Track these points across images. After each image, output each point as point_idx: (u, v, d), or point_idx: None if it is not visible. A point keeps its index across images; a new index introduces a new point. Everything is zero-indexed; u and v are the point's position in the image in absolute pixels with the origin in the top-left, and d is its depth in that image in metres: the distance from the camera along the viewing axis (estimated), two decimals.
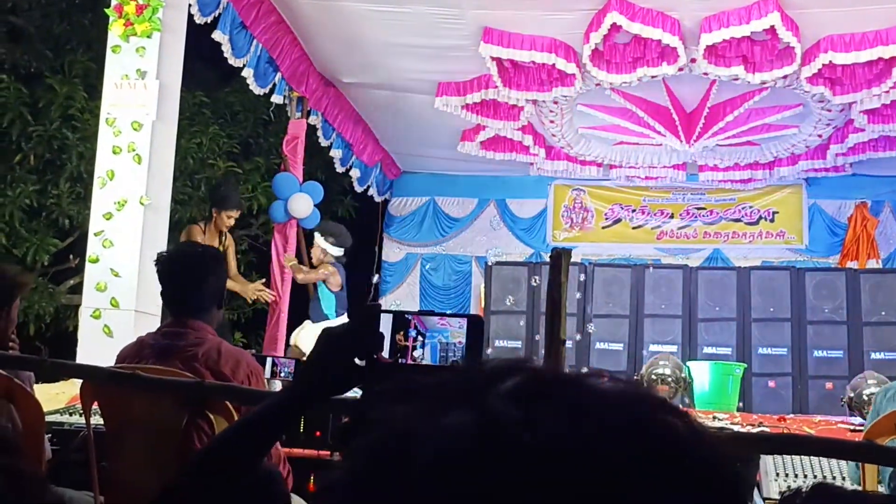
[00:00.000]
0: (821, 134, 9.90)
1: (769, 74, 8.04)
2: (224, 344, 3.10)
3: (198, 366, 2.96)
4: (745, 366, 8.14)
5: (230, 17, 7.28)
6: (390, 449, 0.66)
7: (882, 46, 7.57)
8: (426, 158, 11.61)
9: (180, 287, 3.15)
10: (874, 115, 8.95)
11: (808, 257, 11.43)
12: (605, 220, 11.88)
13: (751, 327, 10.42)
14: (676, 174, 11.13)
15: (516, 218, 11.99)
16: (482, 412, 0.65)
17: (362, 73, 9.09)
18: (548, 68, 8.28)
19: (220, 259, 3.27)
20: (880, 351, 10.14)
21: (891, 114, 8.91)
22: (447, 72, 8.86)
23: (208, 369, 2.96)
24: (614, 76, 8.21)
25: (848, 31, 7.62)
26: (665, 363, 6.74)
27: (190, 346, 3.02)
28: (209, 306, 3.14)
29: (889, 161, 10.20)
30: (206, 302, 3.13)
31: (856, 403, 6.19)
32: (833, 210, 11.51)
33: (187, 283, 3.13)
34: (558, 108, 9.51)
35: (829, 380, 9.90)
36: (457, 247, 12.07)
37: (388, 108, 9.86)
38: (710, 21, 7.48)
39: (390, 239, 12.22)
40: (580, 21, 7.72)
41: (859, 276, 10.59)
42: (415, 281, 12.06)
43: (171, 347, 3.05)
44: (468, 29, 7.96)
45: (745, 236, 11.58)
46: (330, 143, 9.92)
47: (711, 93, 9.18)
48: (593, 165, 11.13)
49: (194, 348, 3.01)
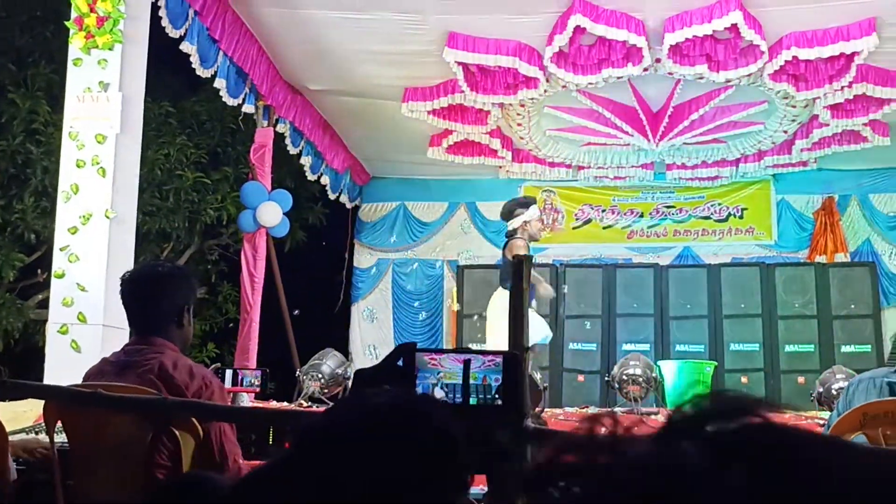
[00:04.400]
0: (786, 130, 9.97)
1: (733, 72, 8.09)
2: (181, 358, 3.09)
3: (153, 378, 2.94)
4: (716, 364, 8.18)
5: (197, 28, 7.25)
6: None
7: (843, 42, 7.63)
8: (395, 164, 11.61)
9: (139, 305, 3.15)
10: (837, 110, 9.02)
11: (777, 252, 11.50)
12: (575, 221, 11.90)
13: (722, 324, 10.50)
14: (645, 173, 11.17)
15: (487, 221, 11.98)
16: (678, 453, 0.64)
17: (329, 80, 9.07)
18: (513, 72, 8.29)
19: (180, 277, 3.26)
20: (850, 344, 10.25)
21: (854, 108, 8.98)
22: (413, 77, 8.86)
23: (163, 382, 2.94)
24: (580, 78, 8.23)
25: (809, 27, 7.68)
26: (636, 363, 6.76)
27: (146, 361, 3.01)
28: (168, 324, 3.13)
29: (854, 155, 10.27)
30: (165, 320, 3.12)
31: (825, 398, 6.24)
32: (801, 205, 11.59)
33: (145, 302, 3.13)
34: (525, 111, 9.54)
35: (801, 374, 9.99)
36: (428, 251, 12.05)
37: (356, 114, 9.85)
38: (674, 21, 7.52)
39: (361, 245, 12.18)
40: (544, 24, 7.74)
41: (828, 270, 10.70)
42: (387, 286, 12.04)
43: (130, 363, 3.04)
44: (432, 34, 7.96)
45: (714, 233, 11.64)
46: (299, 150, 9.89)
47: (676, 92, 9.23)
48: (562, 167, 11.16)
49: (150, 363, 3.00)
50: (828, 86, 8.35)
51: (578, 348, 10.48)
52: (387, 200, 12.19)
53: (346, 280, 12.00)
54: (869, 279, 10.60)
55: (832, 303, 10.45)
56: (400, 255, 12.09)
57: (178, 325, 3.15)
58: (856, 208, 11.48)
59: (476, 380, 2.16)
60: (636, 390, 6.52)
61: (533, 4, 7.53)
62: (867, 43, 7.58)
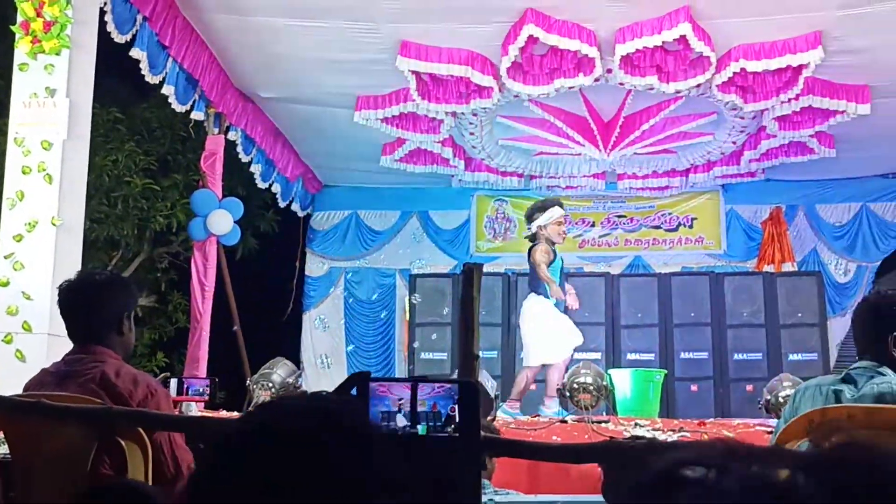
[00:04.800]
0: (735, 141, 10.09)
1: (683, 84, 8.17)
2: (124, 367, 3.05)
3: (95, 388, 2.90)
4: (666, 372, 8.24)
5: (147, 34, 7.18)
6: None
7: (790, 55, 7.75)
8: (348, 172, 11.57)
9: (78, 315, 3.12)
10: (785, 122, 9.15)
11: (726, 262, 11.64)
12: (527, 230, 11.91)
13: (672, 332, 10.56)
14: (596, 183, 11.25)
15: (439, 229, 12.00)
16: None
17: (280, 88, 9.03)
18: (465, 81, 8.30)
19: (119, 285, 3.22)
20: (797, 352, 10.36)
21: (800, 120, 9.12)
22: (366, 86, 8.84)
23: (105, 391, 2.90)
24: (532, 88, 8.26)
25: (757, 40, 7.79)
26: (587, 372, 6.78)
27: (87, 371, 2.97)
28: (108, 332, 3.09)
29: (801, 166, 10.44)
30: (105, 328, 3.09)
31: (772, 406, 6.31)
32: (749, 215, 11.74)
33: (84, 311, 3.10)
34: (478, 120, 9.56)
35: (750, 382, 10.07)
36: (380, 260, 12.03)
37: (308, 122, 9.81)
38: (625, 32, 7.59)
39: (313, 253, 12.12)
40: (497, 33, 7.76)
41: (776, 279, 10.82)
42: (339, 295, 11.99)
43: (70, 373, 2.99)
44: (385, 43, 7.95)
45: (665, 243, 11.75)
46: (250, 158, 9.83)
47: (627, 102, 9.31)
48: (514, 176, 11.20)
49: (91, 371, 2.96)
50: (775, 98, 8.47)
51: None
52: (339, 209, 12.15)
53: (298, 289, 11.93)
54: (815, 288, 10.73)
55: (780, 312, 10.57)
56: (352, 263, 12.05)
57: (118, 332, 3.11)
58: (803, 219, 11.65)
59: (425, 406, 2.14)
60: (587, 398, 6.54)
61: (485, 14, 7.55)
62: (813, 56, 7.70)
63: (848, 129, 9.26)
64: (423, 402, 2.14)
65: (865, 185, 11.49)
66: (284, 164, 10.57)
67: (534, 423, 6.38)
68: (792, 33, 7.69)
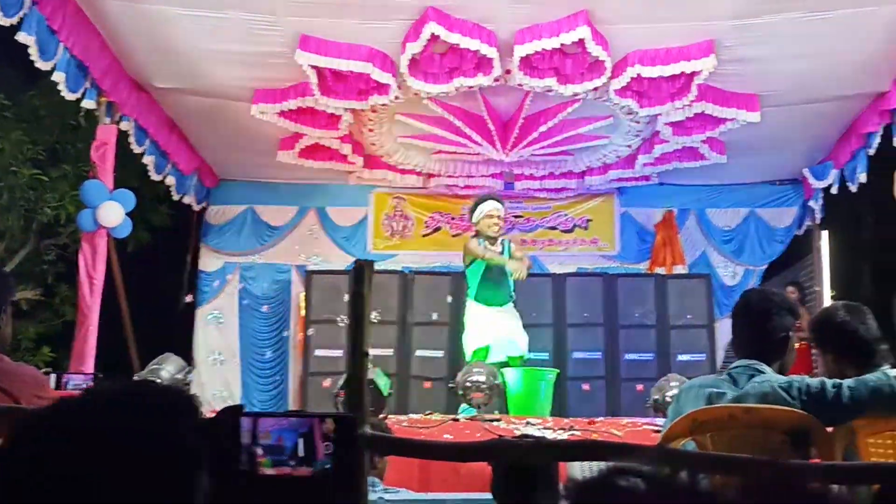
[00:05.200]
0: (630, 145, 10.26)
1: (580, 87, 8.28)
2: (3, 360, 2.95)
3: None
4: (558, 371, 8.33)
5: (35, 18, 6.95)
6: None
7: (684, 62, 7.91)
8: (244, 166, 11.39)
9: None
10: (678, 128, 9.35)
11: (619, 263, 11.83)
12: (425, 229, 11.96)
13: (566, 332, 10.70)
14: (494, 183, 11.31)
15: (336, 226, 11.91)
16: None
17: (176, 78, 8.83)
18: (365, 77, 8.25)
19: None
20: (686, 353, 10.62)
21: (693, 126, 9.32)
22: (264, 79, 8.70)
23: None
24: (431, 86, 8.26)
25: (653, 46, 7.93)
26: (480, 370, 6.82)
27: None
28: None
29: (693, 171, 10.67)
30: None
31: (660, 405, 6.44)
32: (643, 218, 11.96)
33: None
34: (377, 117, 9.52)
35: (640, 382, 10.27)
36: (276, 255, 11.88)
37: (204, 114, 9.60)
38: (524, 33, 7.64)
39: (208, 248, 11.89)
40: (398, 31, 7.73)
41: (667, 281, 11.07)
42: (234, 291, 11.80)
43: None
44: (284, 36, 7.84)
45: (560, 243, 11.89)
46: (143, 149, 9.58)
47: (526, 104, 9.38)
48: (413, 174, 11.19)
49: None
50: (669, 104, 8.64)
51: (426, 355, 10.51)
52: (235, 203, 11.95)
53: (191, 284, 11.70)
54: (704, 291, 11.01)
55: (670, 313, 10.81)
56: (247, 259, 11.87)
57: None
58: (693, 222, 11.92)
59: (270, 439, 2.06)
60: (479, 397, 6.58)
61: (387, 11, 7.51)
62: (706, 64, 7.88)
63: (738, 137, 9.51)
64: (267, 435, 2.07)
65: (753, 191, 11.81)
66: (179, 157, 10.34)
67: (426, 421, 6.39)
68: (686, 41, 7.85)
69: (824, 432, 3.22)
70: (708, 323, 10.84)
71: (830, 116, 9.51)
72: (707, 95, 8.63)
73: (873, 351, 3.68)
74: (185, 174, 10.71)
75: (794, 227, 11.79)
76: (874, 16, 7.39)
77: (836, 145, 10.12)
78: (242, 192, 11.89)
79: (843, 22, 7.44)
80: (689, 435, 3.30)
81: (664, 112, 8.87)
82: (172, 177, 10.43)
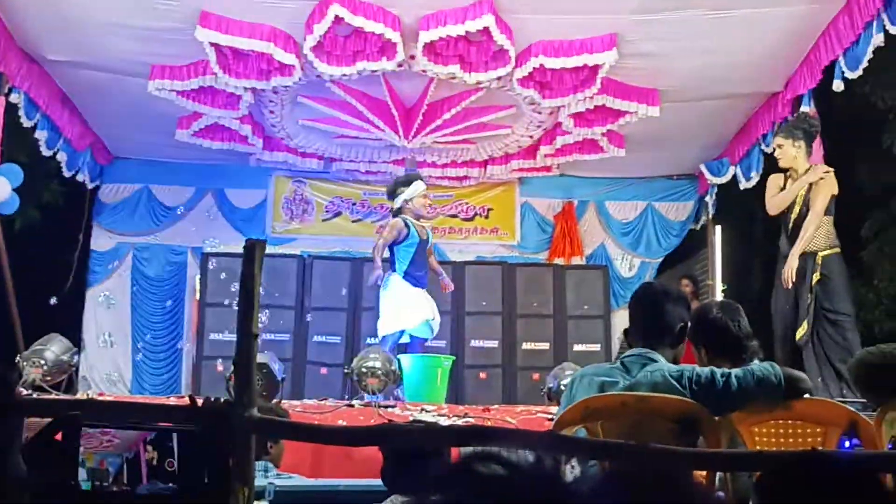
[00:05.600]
0: (532, 135, 10.32)
1: (484, 75, 8.28)
2: None
3: None
4: (454, 358, 8.35)
5: None
6: None
7: (587, 54, 7.98)
8: (140, 144, 11.08)
9: None
10: (580, 119, 9.42)
11: (519, 253, 11.90)
12: (325, 213, 11.84)
13: (464, 320, 10.74)
14: (396, 169, 11.24)
15: (235, 208, 11.71)
16: None
17: (70, 51, 8.53)
18: (267, 57, 8.11)
19: None
20: (582, 343, 10.76)
21: (594, 119, 9.41)
22: (162, 55, 8.47)
23: None
24: (335, 68, 8.17)
25: (557, 37, 7.97)
26: (375, 356, 6.78)
27: None
28: None
29: (593, 163, 10.78)
30: None
31: (554, 393, 6.50)
32: (543, 209, 12.05)
33: None
34: (278, 99, 9.37)
35: (536, 371, 10.37)
36: (172, 237, 11.62)
37: (99, 90, 9.31)
38: (429, 19, 7.60)
39: (100, 227, 11.55)
40: (301, 11, 7.62)
41: (565, 272, 11.19)
42: (126, 272, 11.50)
43: None
44: (184, 11, 7.64)
45: (461, 232, 11.90)
46: (34, 124, 9.23)
47: (430, 90, 9.34)
48: (314, 158, 11.06)
49: None
50: (572, 95, 8.71)
51: (323, 341, 10.44)
52: (130, 182, 11.63)
53: (81, 263, 11.35)
54: (602, 282, 11.17)
55: (567, 303, 10.93)
56: (142, 239, 11.58)
57: None
58: (593, 214, 12.06)
59: (93, 463, 1.96)
60: (374, 383, 6.54)
61: None
62: (608, 57, 7.96)
63: (638, 130, 9.64)
64: (90, 457, 1.96)
65: (652, 185, 12.01)
66: (72, 133, 10.00)
67: (321, 406, 6.32)
68: (589, 34, 7.92)
69: (712, 421, 3.27)
70: (604, 314, 11.00)
71: (727, 114, 9.72)
72: (609, 89, 8.72)
73: (744, 347, 3.90)
74: (78, 151, 10.37)
75: (690, 221, 12.02)
76: (771, 17, 7.57)
77: (732, 142, 10.34)
78: (138, 170, 11.58)
79: (741, 22, 7.60)
80: (581, 422, 3.32)
81: (566, 104, 8.94)
82: (64, 153, 10.08)
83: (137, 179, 11.62)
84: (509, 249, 11.93)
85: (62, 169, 10.43)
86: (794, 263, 6.75)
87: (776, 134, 7.45)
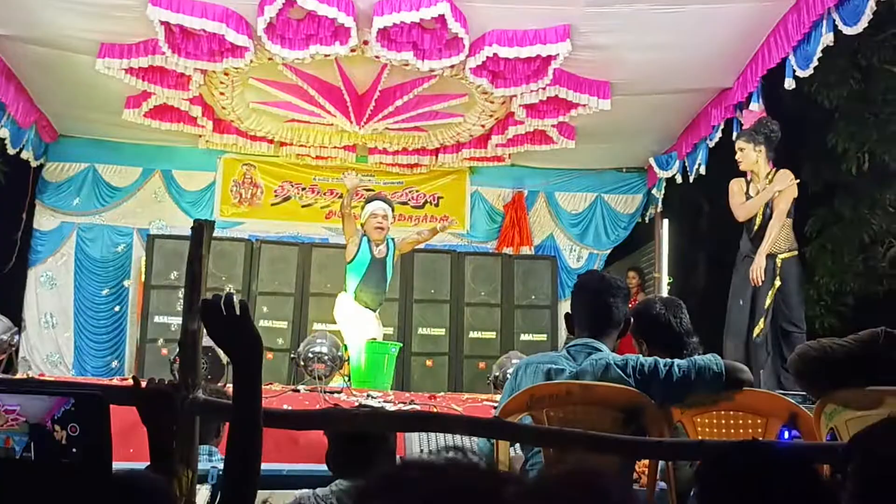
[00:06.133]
0: (483, 124, 10.32)
1: (437, 63, 8.26)
2: None
3: None
4: (401, 345, 8.35)
5: None
6: None
7: (540, 45, 7.99)
8: (87, 123, 10.90)
9: None
10: (532, 110, 9.45)
11: (468, 241, 11.92)
12: (274, 197, 11.76)
13: (412, 308, 10.74)
14: (347, 155, 11.22)
15: (182, 190, 11.58)
16: None
17: (15, 26, 8.35)
18: (219, 38, 8.01)
19: None
20: (529, 332, 10.83)
21: (546, 110, 9.44)
22: (111, 32, 8.32)
23: None
24: (287, 52, 8.09)
25: (511, 27, 7.98)
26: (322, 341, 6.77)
27: None
28: None
29: (544, 154, 10.83)
30: None
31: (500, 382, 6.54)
32: (493, 198, 12.09)
33: None
34: (229, 80, 9.28)
35: (483, 359, 10.42)
36: (118, 217, 11.46)
37: (45, 66, 9.13)
38: (383, 5, 7.56)
39: (43, 206, 11.35)
40: None
41: (513, 261, 11.25)
42: (70, 252, 11.32)
43: None
44: None
45: (410, 219, 11.89)
46: None
47: (383, 77, 9.31)
48: (264, 141, 10.97)
49: None
50: (525, 86, 8.73)
51: (270, 325, 10.37)
52: (75, 161, 11.44)
53: (24, 242, 11.15)
54: (550, 272, 11.24)
55: (515, 293, 10.99)
56: (86, 219, 11.41)
57: None
58: (542, 205, 12.12)
59: None
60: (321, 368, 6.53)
61: None
62: (562, 48, 7.98)
63: (589, 122, 9.70)
64: None
65: (601, 177, 12.09)
66: (16, 109, 9.78)
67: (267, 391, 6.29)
68: (543, 24, 7.93)
69: (655, 410, 3.31)
70: (552, 304, 11.07)
71: (677, 108, 9.81)
72: (562, 80, 8.75)
73: (685, 343, 3.96)
74: (23, 127, 10.16)
75: (638, 214, 12.13)
76: (722, 13, 7.63)
77: (681, 137, 10.44)
78: (84, 149, 11.40)
79: (692, 17, 7.66)
80: (526, 410, 3.34)
81: (519, 94, 8.96)
82: (7, 129, 9.89)
83: (83, 158, 11.44)
84: (458, 238, 11.94)
85: (6, 146, 10.23)
86: (761, 263, 6.92)
87: (738, 138, 7.57)
